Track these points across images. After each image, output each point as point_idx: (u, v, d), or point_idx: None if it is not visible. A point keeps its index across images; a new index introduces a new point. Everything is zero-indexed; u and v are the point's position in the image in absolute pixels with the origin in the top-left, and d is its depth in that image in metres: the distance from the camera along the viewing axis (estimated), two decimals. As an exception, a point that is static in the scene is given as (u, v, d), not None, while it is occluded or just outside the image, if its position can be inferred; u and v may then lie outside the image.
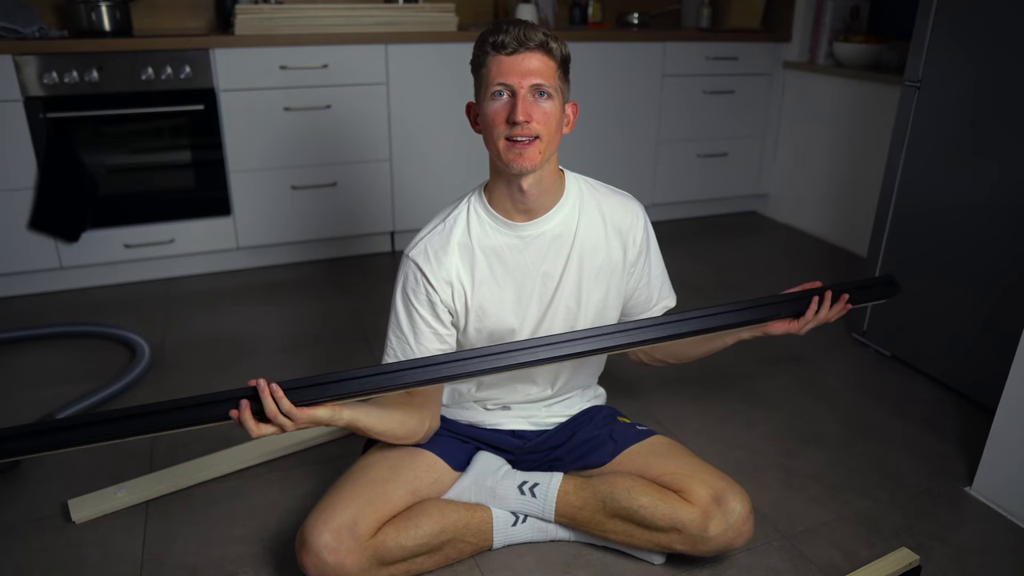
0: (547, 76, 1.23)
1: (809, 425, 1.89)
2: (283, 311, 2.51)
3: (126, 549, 1.44)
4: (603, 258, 1.40)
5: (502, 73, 1.22)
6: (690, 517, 1.32)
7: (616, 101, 3.12)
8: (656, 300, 1.52)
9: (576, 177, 1.41)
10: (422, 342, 1.35)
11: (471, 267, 1.34)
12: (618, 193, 1.44)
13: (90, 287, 2.67)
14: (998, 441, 1.60)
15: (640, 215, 1.44)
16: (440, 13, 2.80)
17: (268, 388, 1.11)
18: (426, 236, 1.36)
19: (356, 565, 1.24)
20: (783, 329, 1.41)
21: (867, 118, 2.98)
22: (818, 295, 1.39)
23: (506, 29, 1.22)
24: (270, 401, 1.10)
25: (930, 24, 1.97)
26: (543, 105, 1.23)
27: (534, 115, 1.22)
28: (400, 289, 1.36)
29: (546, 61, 1.23)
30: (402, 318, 1.36)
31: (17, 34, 2.38)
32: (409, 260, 1.35)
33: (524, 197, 1.31)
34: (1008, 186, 1.83)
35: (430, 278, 1.33)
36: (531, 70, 1.22)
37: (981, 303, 1.92)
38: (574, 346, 1.23)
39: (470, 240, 1.34)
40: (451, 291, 1.34)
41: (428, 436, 1.42)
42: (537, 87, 1.22)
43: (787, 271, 2.95)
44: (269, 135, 2.67)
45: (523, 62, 1.21)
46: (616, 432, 1.48)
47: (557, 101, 1.25)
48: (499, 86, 1.23)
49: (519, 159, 1.24)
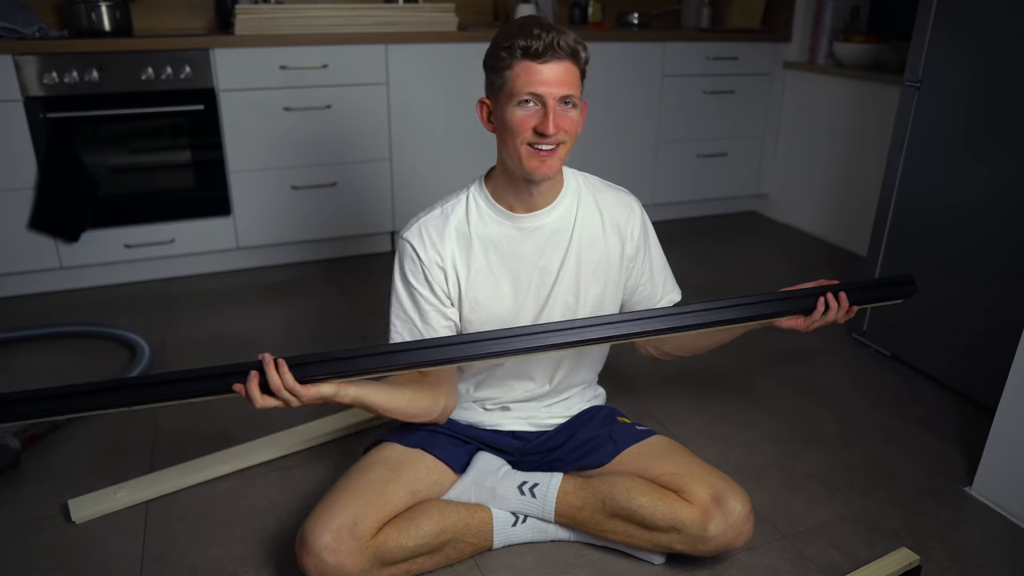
0: (574, 85, 1.23)
1: (809, 425, 1.89)
2: (283, 311, 2.51)
3: (126, 549, 1.44)
4: (601, 253, 1.40)
5: (532, 82, 1.21)
6: (690, 517, 1.31)
7: (616, 101, 3.12)
8: (661, 295, 1.52)
9: (574, 172, 1.42)
10: (429, 322, 1.36)
11: (467, 255, 1.34)
12: (615, 188, 1.44)
13: (90, 287, 2.67)
14: (998, 441, 1.60)
15: (637, 210, 1.44)
16: (440, 13, 2.80)
17: (274, 362, 1.14)
18: (423, 219, 1.36)
19: (356, 565, 1.24)
20: (790, 325, 1.39)
21: (867, 118, 2.98)
22: (828, 293, 1.36)
23: (537, 34, 1.19)
24: (274, 374, 1.13)
25: (930, 24, 1.97)
26: (570, 114, 1.24)
27: (562, 126, 1.23)
28: (398, 271, 1.37)
29: (573, 70, 1.23)
30: (405, 300, 1.36)
31: (17, 34, 2.38)
32: (404, 241, 1.35)
33: (531, 196, 1.32)
34: (1008, 186, 1.83)
35: (424, 260, 1.33)
36: (562, 81, 1.21)
37: (981, 303, 1.92)
38: (582, 332, 1.23)
39: (468, 228, 1.35)
40: (444, 276, 1.34)
41: (445, 415, 1.43)
42: (566, 97, 1.23)
43: (787, 271, 2.95)
44: (269, 135, 2.67)
45: (554, 72, 1.20)
46: (616, 432, 1.48)
47: (579, 107, 1.26)
48: (529, 95, 1.22)
49: (541, 167, 1.25)
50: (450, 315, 1.38)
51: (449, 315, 1.37)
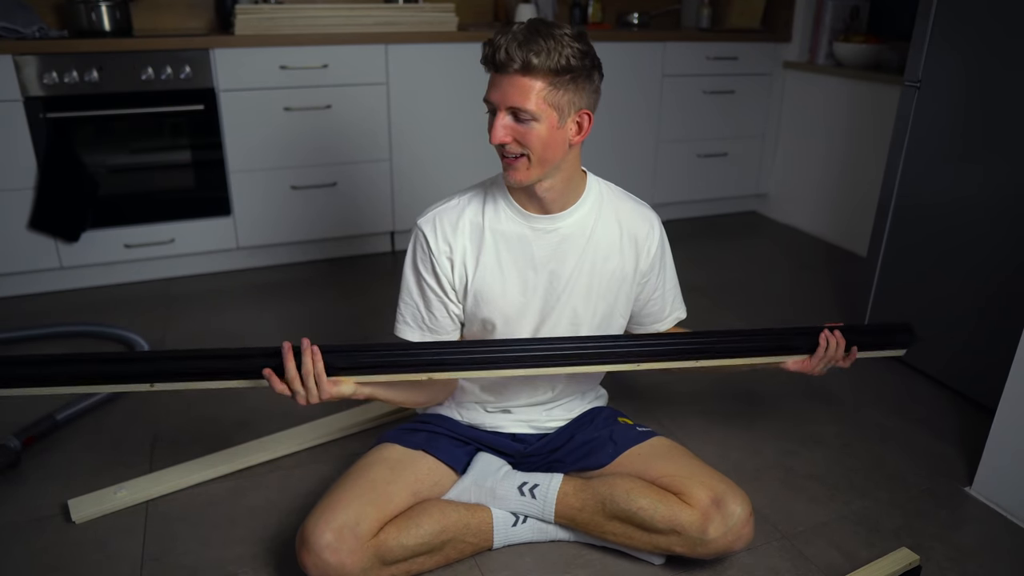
0: (528, 100, 1.17)
1: (809, 425, 1.89)
2: (283, 311, 2.51)
3: (126, 549, 1.44)
4: (615, 265, 1.39)
5: (489, 89, 1.22)
6: (689, 520, 1.31)
7: (616, 101, 3.12)
8: (668, 312, 1.52)
9: (598, 181, 1.41)
10: (432, 311, 1.38)
11: (478, 248, 1.34)
12: (637, 202, 1.44)
13: (90, 287, 2.67)
14: (998, 441, 1.60)
15: (657, 226, 1.44)
16: (440, 13, 2.80)
17: (311, 348, 1.21)
18: (438, 209, 1.37)
19: (357, 565, 1.24)
20: (797, 367, 1.41)
21: (867, 118, 2.98)
22: (826, 330, 1.39)
23: (497, 44, 1.18)
24: (309, 360, 1.20)
25: (930, 24, 1.97)
26: (526, 126, 1.20)
27: (513, 136, 1.21)
28: (409, 258, 1.39)
29: (528, 83, 1.17)
30: (412, 287, 1.39)
31: (17, 34, 2.38)
32: (418, 229, 1.37)
33: (539, 200, 1.32)
34: (1008, 185, 1.83)
35: (433, 249, 1.34)
36: (509, 94, 1.19)
37: (981, 303, 1.92)
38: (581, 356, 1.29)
39: (482, 221, 1.35)
40: (451, 267, 1.35)
41: (451, 392, 1.48)
42: (515, 111, 1.20)
43: (787, 271, 2.95)
44: (269, 135, 2.67)
45: (503, 84, 1.19)
46: (616, 433, 1.48)
47: (545, 120, 1.20)
48: (487, 101, 1.23)
49: (508, 173, 1.26)
50: (452, 309, 1.38)
51: (451, 308, 1.38)
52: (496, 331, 1.38)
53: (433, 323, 1.39)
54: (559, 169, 1.28)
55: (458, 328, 1.42)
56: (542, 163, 1.24)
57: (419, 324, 1.39)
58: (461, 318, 1.41)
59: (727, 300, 2.63)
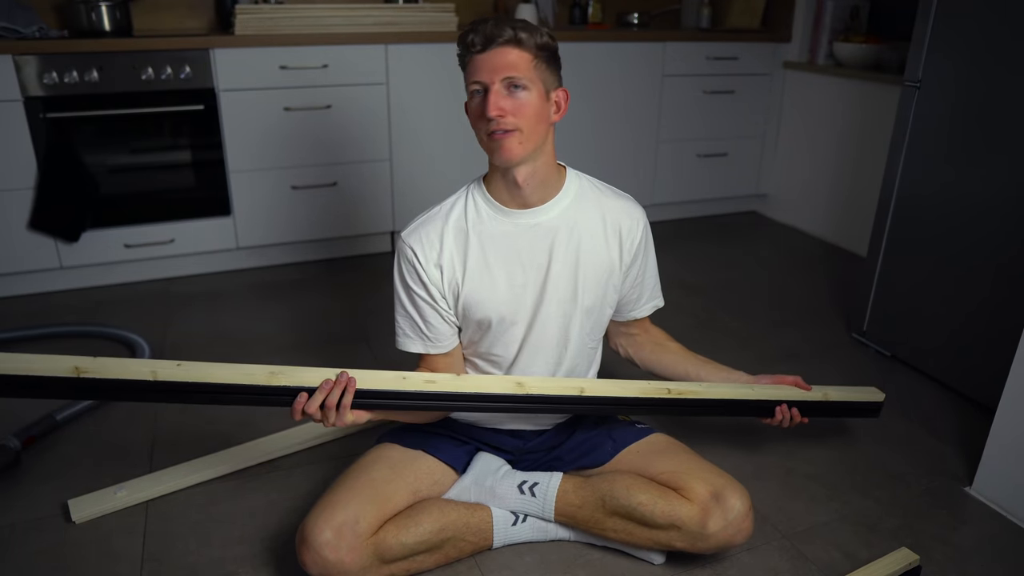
0: (520, 68, 1.24)
1: (808, 425, 1.89)
2: (283, 311, 2.51)
3: (126, 549, 1.44)
4: (601, 258, 1.40)
5: (476, 71, 1.26)
6: (689, 514, 1.32)
7: (616, 101, 3.12)
8: (646, 300, 1.53)
9: (578, 175, 1.41)
10: (428, 320, 1.38)
11: (464, 251, 1.35)
12: (621, 195, 1.44)
13: (90, 287, 2.67)
14: (998, 441, 1.60)
15: (641, 220, 1.44)
16: (440, 13, 2.81)
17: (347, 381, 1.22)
18: (421, 220, 1.38)
19: (356, 563, 1.24)
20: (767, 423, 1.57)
21: (867, 118, 2.98)
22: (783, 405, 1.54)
23: (478, 28, 1.24)
24: (347, 394, 1.22)
25: (930, 24, 1.97)
26: (519, 96, 1.25)
27: (507, 108, 1.24)
28: (396, 272, 1.39)
29: (518, 53, 1.24)
30: (404, 300, 1.39)
31: (17, 34, 2.38)
32: (403, 242, 1.37)
33: (519, 190, 1.32)
34: (1008, 186, 1.83)
35: (421, 260, 1.35)
36: (501, 65, 1.23)
37: (981, 303, 1.92)
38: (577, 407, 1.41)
39: (466, 224, 1.36)
40: (440, 274, 1.35)
41: None
42: (509, 80, 1.24)
43: (787, 271, 2.95)
44: (269, 135, 2.67)
45: (493, 58, 1.24)
46: (615, 431, 1.49)
47: (535, 91, 1.25)
48: (475, 84, 1.26)
49: (500, 151, 1.27)
50: (446, 316, 1.39)
51: (446, 316, 1.39)
52: (491, 330, 1.39)
53: (432, 332, 1.39)
54: (541, 152, 1.31)
55: (456, 333, 1.43)
56: (532, 137, 1.27)
57: (419, 335, 1.40)
58: (457, 323, 1.41)
59: (727, 300, 2.63)
